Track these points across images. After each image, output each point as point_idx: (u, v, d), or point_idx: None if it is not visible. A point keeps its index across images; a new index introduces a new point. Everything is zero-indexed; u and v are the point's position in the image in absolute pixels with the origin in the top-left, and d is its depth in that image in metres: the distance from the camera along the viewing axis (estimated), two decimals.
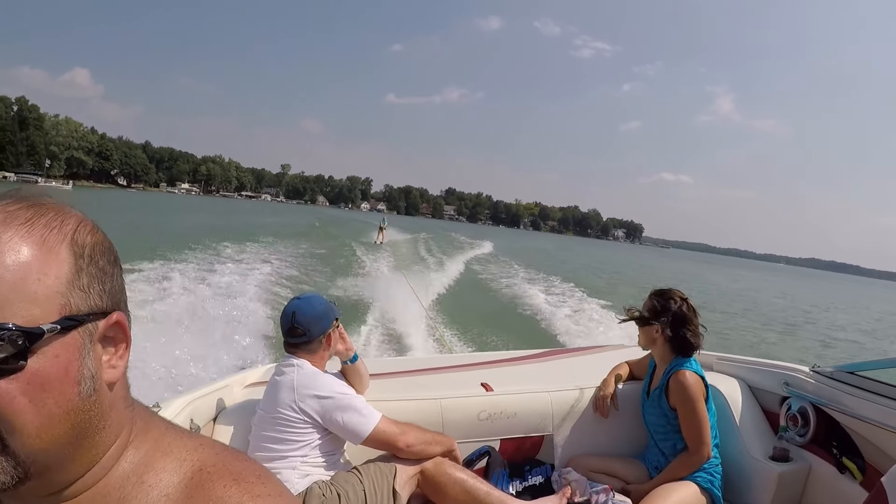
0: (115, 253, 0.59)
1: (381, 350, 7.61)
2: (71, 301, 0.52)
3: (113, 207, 38.40)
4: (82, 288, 0.53)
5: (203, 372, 5.02)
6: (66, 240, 0.53)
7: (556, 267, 29.93)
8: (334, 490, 1.96)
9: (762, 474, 2.47)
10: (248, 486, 0.56)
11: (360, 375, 2.39)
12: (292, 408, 2.06)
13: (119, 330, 0.56)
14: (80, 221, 0.56)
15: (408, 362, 3.58)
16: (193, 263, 12.77)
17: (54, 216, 0.54)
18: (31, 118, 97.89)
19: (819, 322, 23.95)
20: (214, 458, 0.59)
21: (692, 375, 2.40)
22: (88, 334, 0.53)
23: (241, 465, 0.59)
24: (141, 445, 0.59)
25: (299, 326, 2.16)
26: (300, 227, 37.38)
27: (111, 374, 0.56)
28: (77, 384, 0.52)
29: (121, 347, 0.57)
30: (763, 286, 50.27)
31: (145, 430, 0.61)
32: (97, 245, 0.56)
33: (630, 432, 2.69)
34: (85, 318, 0.53)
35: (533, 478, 2.51)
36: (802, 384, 2.58)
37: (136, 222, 26.72)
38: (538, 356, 3.33)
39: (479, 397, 2.55)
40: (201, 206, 72.23)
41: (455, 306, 12.41)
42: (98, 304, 0.54)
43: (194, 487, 0.56)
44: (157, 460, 0.58)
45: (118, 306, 0.57)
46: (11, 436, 0.49)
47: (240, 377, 2.55)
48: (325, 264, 17.33)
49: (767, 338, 16.59)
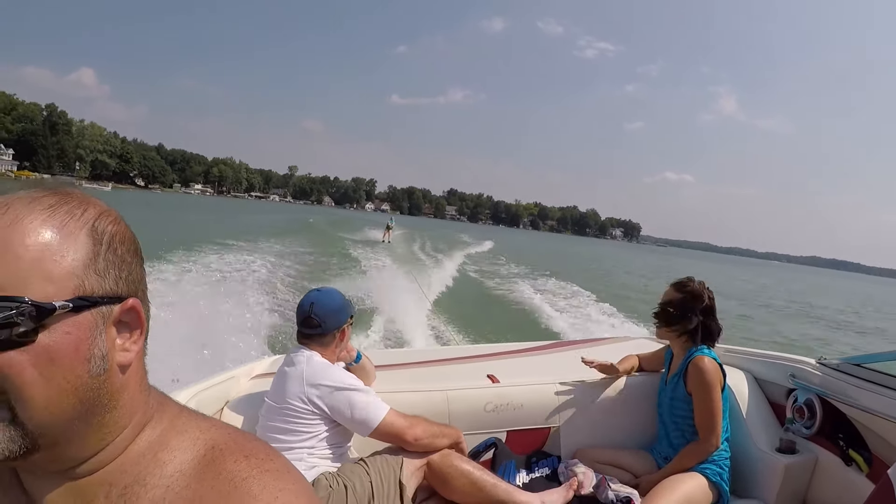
0: (137, 245, 0.61)
1: (385, 345, 7.47)
2: (86, 283, 0.54)
3: (161, 205, 44.30)
4: (98, 272, 0.55)
5: (208, 363, 5.04)
6: (86, 226, 0.56)
7: (552, 263, 30.61)
8: (341, 481, 1.96)
9: (768, 466, 2.47)
10: (257, 462, 0.59)
11: (367, 372, 2.41)
12: (301, 399, 2.07)
13: (134, 315, 0.58)
14: (102, 211, 0.59)
15: (414, 354, 3.55)
16: (199, 259, 12.81)
17: (77, 204, 0.57)
18: (61, 123, 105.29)
19: (825, 317, 23.89)
20: (226, 437, 0.62)
21: (711, 362, 2.40)
22: (102, 316, 0.55)
23: (251, 443, 0.62)
24: (157, 426, 0.62)
25: (315, 318, 2.17)
26: (299, 224, 37.49)
27: (124, 356, 0.58)
28: (87, 362, 0.54)
29: (136, 333, 0.59)
30: (770, 282, 50.77)
31: (161, 412, 0.63)
32: (117, 234, 0.58)
33: (637, 424, 2.68)
34: (98, 301, 0.55)
35: (540, 469, 2.50)
36: (809, 376, 2.56)
37: (181, 219, 29.00)
38: (544, 348, 3.35)
39: (485, 389, 2.55)
40: (219, 205, 76.10)
41: (454, 301, 12.47)
42: (113, 288, 0.56)
43: (207, 463, 0.59)
44: (171, 439, 0.61)
45: (135, 294, 0.59)
46: (20, 405, 0.51)
47: (246, 368, 2.56)
48: (326, 261, 17.33)
49: (780, 329, 16.61)
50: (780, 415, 2.67)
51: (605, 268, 37.33)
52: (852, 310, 30.91)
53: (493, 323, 10.81)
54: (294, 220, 42.15)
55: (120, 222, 0.60)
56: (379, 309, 9.43)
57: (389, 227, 32.23)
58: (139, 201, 50.19)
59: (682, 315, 2.45)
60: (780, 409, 2.68)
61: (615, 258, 63.24)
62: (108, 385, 0.57)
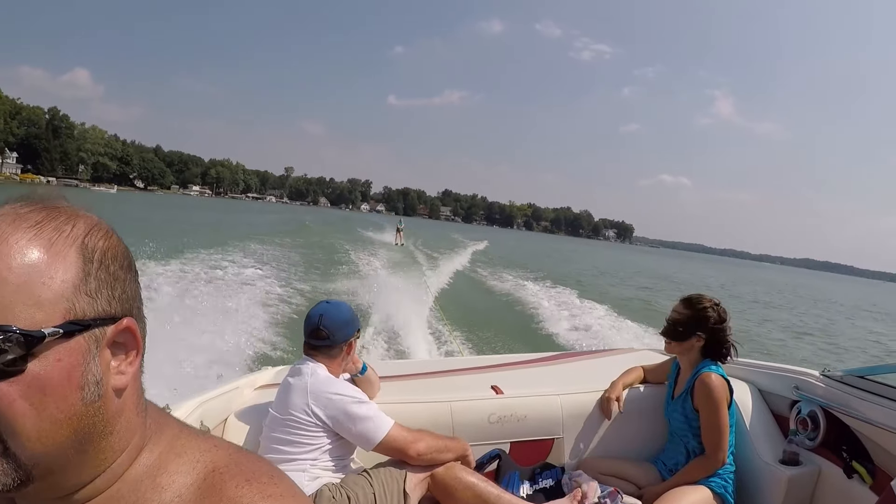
0: (131, 258, 0.58)
1: (385, 353, 7.53)
2: (76, 306, 0.51)
3: (169, 205, 47.51)
4: (89, 293, 0.52)
5: (210, 374, 4.99)
6: (75, 244, 0.53)
7: (545, 265, 30.97)
8: (344, 493, 1.96)
9: (772, 478, 2.47)
10: (260, 487, 0.56)
11: (372, 383, 2.42)
12: (305, 411, 2.07)
13: (129, 336, 0.56)
14: (92, 225, 0.55)
15: (418, 365, 3.62)
16: (191, 262, 12.62)
17: (66, 220, 0.54)
18: (63, 127, 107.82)
19: (833, 326, 23.79)
20: (227, 458, 0.59)
21: (718, 378, 2.40)
22: (95, 339, 0.53)
23: (253, 465, 0.59)
24: (155, 448, 0.59)
25: (324, 329, 2.18)
26: (293, 224, 37.44)
27: (119, 380, 0.55)
28: (80, 389, 0.51)
29: (131, 354, 0.56)
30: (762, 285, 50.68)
31: (159, 432, 0.61)
32: (109, 250, 0.55)
33: (641, 435, 2.68)
34: (91, 324, 0.52)
35: (543, 481, 2.49)
36: (812, 388, 2.57)
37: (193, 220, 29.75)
38: (548, 359, 3.34)
39: (489, 400, 2.55)
40: (217, 206, 79.11)
41: (451, 302, 12.38)
42: (106, 309, 0.53)
43: (207, 488, 0.56)
44: (170, 462, 0.59)
45: (130, 312, 0.56)
46: (12, 439, 0.49)
47: (250, 379, 2.57)
48: (322, 265, 17.18)
49: (783, 342, 16.53)
50: (784, 427, 2.67)
51: (596, 267, 39.14)
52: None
53: (491, 324, 10.76)
54: (292, 220, 43.16)
55: (111, 236, 0.57)
56: (377, 315, 9.34)
57: (400, 230, 31.67)
58: (149, 203, 52.74)
59: (689, 332, 2.45)
60: (783, 420, 2.69)
61: (601, 257, 65.78)
62: (104, 411, 0.54)
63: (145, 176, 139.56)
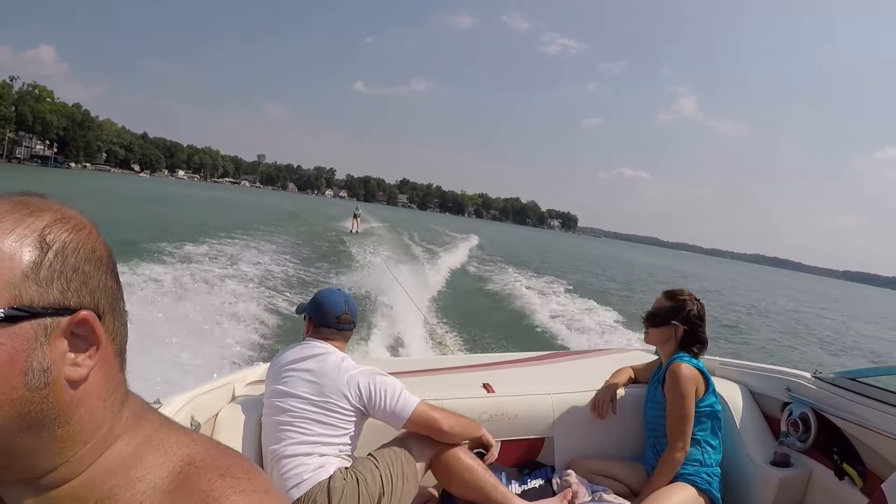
0: (103, 255, 0.59)
1: (375, 351, 7.49)
2: (23, 293, 0.52)
3: (185, 186, 57.70)
4: (39, 282, 0.53)
5: (201, 369, 4.93)
6: (32, 235, 0.53)
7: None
8: (354, 475, 1.99)
9: (763, 480, 2.47)
10: (233, 482, 0.57)
11: None
12: (341, 393, 2.08)
13: (88, 329, 0.55)
14: (58, 218, 0.56)
15: (409, 363, 3.59)
16: (182, 257, 12.60)
17: (29, 212, 0.55)
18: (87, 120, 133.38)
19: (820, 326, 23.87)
20: (204, 453, 0.60)
21: (688, 367, 2.40)
22: (44, 328, 0.53)
23: (229, 460, 0.60)
24: (132, 441, 0.60)
25: (350, 314, 2.21)
26: (280, 214, 37.08)
27: (74, 371, 0.55)
28: (23, 374, 0.52)
29: (91, 349, 0.56)
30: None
31: (136, 426, 0.61)
32: (71, 243, 0.55)
33: (631, 435, 2.68)
34: (38, 312, 0.52)
35: (533, 480, 2.48)
36: (804, 390, 2.57)
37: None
38: (540, 358, 3.34)
39: (480, 398, 2.54)
40: (211, 188, 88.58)
41: (442, 299, 12.52)
42: (59, 299, 0.54)
43: (181, 481, 0.57)
44: (146, 455, 0.59)
45: (93, 307, 0.56)
46: None
47: (241, 375, 2.56)
48: (306, 256, 17.16)
49: (773, 340, 16.81)
50: (775, 428, 2.66)
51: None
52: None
53: (482, 322, 10.93)
54: (277, 208, 44.18)
55: (80, 230, 0.57)
56: (369, 312, 9.32)
57: (357, 216, 29.94)
58: (179, 185, 60.86)
59: (667, 319, 2.48)
60: (774, 422, 2.69)
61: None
62: (54, 399, 0.54)
63: (144, 162, 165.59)
